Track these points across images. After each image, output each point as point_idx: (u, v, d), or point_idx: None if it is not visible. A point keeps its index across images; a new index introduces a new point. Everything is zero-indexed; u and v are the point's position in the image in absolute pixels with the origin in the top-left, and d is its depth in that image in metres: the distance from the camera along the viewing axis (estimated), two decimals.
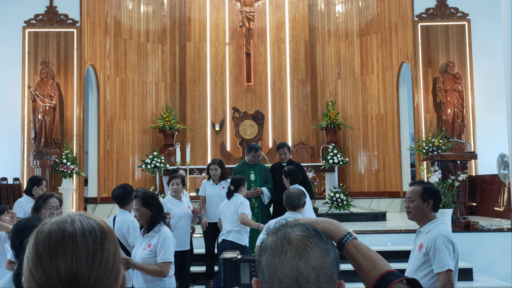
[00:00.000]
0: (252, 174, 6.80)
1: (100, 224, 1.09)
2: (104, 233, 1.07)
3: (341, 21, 13.54)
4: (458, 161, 8.04)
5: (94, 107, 12.08)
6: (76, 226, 1.05)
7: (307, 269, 1.05)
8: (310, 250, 1.07)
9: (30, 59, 11.03)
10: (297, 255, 1.06)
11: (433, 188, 3.22)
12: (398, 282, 1.30)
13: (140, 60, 13.17)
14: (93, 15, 11.92)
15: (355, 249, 1.37)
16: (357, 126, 13.11)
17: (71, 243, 1.02)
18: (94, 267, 1.02)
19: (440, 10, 11.19)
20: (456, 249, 3.10)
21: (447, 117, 10.65)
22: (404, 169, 12.06)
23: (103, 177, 12.06)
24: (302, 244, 1.08)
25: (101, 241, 1.05)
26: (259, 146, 6.92)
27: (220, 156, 12.65)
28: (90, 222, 1.07)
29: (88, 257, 1.02)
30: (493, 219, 9.00)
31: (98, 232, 1.06)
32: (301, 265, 1.05)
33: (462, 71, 10.97)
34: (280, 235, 1.11)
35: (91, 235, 1.05)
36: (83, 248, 1.02)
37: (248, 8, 13.17)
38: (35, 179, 6.24)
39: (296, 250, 1.07)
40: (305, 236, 1.09)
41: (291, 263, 1.05)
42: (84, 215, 1.10)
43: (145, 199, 3.71)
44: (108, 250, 1.06)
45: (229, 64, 13.53)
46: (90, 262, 1.02)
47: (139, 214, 3.71)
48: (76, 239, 1.03)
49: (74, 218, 1.08)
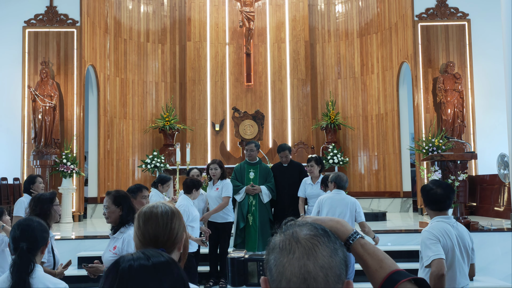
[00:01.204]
0: (251, 173, 6.79)
1: (172, 208, 1.93)
2: (173, 214, 1.91)
3: (341, 21, 13.54)
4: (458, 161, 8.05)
5: (94, 107, 12.08)
6: (158, 209, 1.90)
7: (315, 269, 1.05)
8: (318, 249, 1.07)
9: (30, 59, 11.03)
10: (305, 254, 1.06)
11: (423, 187, 3.34)
12: (406, 281, 1.29)
13: (140, 60, 13.17)
14: (93, 15, 11.92)
15: (362, 248, 1.37)
16: (357, 126, 13.11)
17: (155, 218, 1.88)
18: (166, 232, 1.86)
19: (440, 10, 11.19)
20: (444, 240, 3.14)
21: (447, 117, 10.65)
22: (404, 169, 12.07)
23: (103, 177, 12.06)
24: (310, 244, 1.08)
25: (171, 218, 1.89)
26: (252, 141, 6.91)
27: (220, 156, 12.65)
28: (166, 207, 1.92)
29: (163, 226, 1.86)
30: (493, 219, 9.00)
31: (170, 213, 1.90)
32: (309, 265, 1.05)
33: (462, 71, 10.97)
34: (288, 234, 1.11)
35: (166, 214, 1.89)
36: (161, 221, 1.87)
37: (248, 8, 13.17)
38: (29, 177, 6.14)
39: (304, 249, 1.07)
40: (313, 236, 1.09)
41: (299, 262, 1.05)
42: (164, 203, 1.95)
43: (117, 197, 3.55)
44: (174, 223, 1.89)
45: (229, 64, 13.53)
46: (164, 228, 1.86)
47: (108, 212, 3.54)
48: (157, 216, 1.88)
49: (159, 204, 1.93)
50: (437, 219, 3.26)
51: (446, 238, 3.15)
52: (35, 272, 2.58)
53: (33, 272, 2.57)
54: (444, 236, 3.15)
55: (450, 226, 3.22)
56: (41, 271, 2.64)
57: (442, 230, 3.17)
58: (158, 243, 1.84)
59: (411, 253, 7.30)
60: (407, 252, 7.27)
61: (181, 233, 1.90)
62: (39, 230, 2.73)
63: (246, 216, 6.67)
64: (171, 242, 1.86)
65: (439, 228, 3.19)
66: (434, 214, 3.29)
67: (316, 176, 6.52)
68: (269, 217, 6.74)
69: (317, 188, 6.43)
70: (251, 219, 6.66)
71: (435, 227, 3.20)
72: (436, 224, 3.23)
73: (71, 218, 10.45)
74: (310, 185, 6.51)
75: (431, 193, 3.26)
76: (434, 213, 3.29)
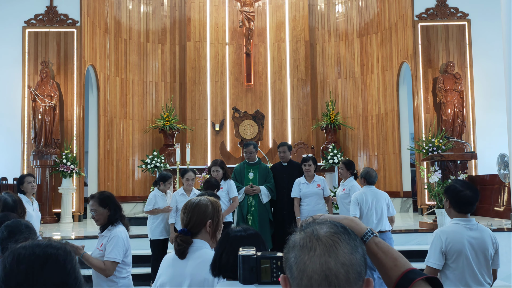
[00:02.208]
0: (251, 173, 6.78)
1: (210, 199, 2.60)
2: (208, 204, 2.56)
3: (341, 21, 13.54)
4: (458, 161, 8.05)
5: (94, 107, 12.08)
6: (200, 201, 2.57)
7: (336, 266, 1.05)
8: (339, 246, 1.07)
9: (30, 59, 11.03)
10: (326, 251, 1.06)
11: (451, 188, 3.25)
12: (420, 280, 1.31)
13: (140, 60, 13.17)
14: (93, 15, 11.92)
15: (377, 246, 1.38)
16: (357, 126, 13.11)
17: (196, 207, 2.55)
18: (199, 216, 2.53)
19: (440, 10, 11.19)
20: (445, 247, 3.12)
21: (447, 117, 10.65)
22: (404, 169, 12.07)
23: (103, 177, 12.06)
24: (331, 241, 1.08)
25: (206, 207, 2.54)
26: (250, 143, 6.91)
27: (220, 156, 12.65)
28: (206, 200, 2.58)
29: (199, 213, 2.53)
30: (493, 219, 8.99)
31: (208, 203, 2.56)
32: (330, 262, 1.05)
33: (462, 71, 10.97)
34: (308, 232, 1.11)
35: (203, 204, 2.55)
36: (200, 209, 2.53)
37: (248, 8, 13.16)
38: (19, 178, 5.98)
39: (325, 246, 1.06)
40: (333, 233, 1.10)
41: (320, 260, 1.05)
42: (205, 197, 2.64)
43: (102, 199, 3.63)
44: (206, 211, 2.54)
45: (229, 64, 13.53)
46: (200, 213, 2.53)
47: (96, 215, 3.62)
48: (198, 205, 2.55)
49: (202, 197, 2.61)
50: (455, 221, 3.20)
51: (455, 242, 3.12)
52: None
53: None
54: (453, 240, 3.12)
55: (466, 229, 3.16)
56: None
57: (452, 234, 3.14)
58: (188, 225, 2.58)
59: (411, 253, 7.30)
60: (407, 252, 7.26)
61: (208, 218, 2.57)
62: (26, 232, 2.75)
63: (245, 216, 6.67)
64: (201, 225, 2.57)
65: (450, 232, 3.16)
66: (456, 215, 3.22)
67: (311, 175, 6.56)
68: (269, 217, 6.74)
69: (313, 187, 6.47)
70: (250, 220, 6.66)
71: (447, 230, 3.18)
72: (450, 227, 3.20)
73: (71, 218, 10.45)
74: (306, 184, 6.53)
75: (461, 195, 3.17)
76: (457, 214, 3.21)
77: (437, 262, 3.11)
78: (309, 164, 6.52)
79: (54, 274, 1.25)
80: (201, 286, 2.43)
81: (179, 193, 6.47)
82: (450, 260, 3.12)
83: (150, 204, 6.44)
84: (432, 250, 3.15)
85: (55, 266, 1.26)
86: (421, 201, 10.87)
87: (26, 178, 5.82)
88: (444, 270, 3.15)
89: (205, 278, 2.40)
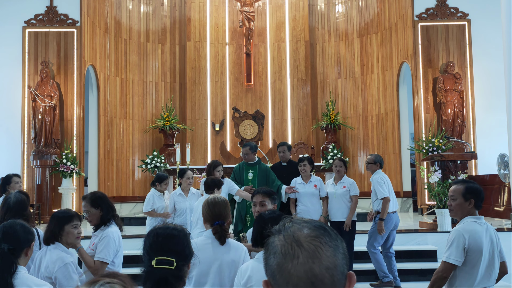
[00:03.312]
0: (250, 173, 6.76)
1: (225, 200, 3.38)
2: (226, 202, 3.37)
3: (341, 21, 13.54)
4: (458, 161, 8.05)
5: (94, 107, 12.08)
6: (218, 199, 3.34)
7: (321, 271, 1.04)
8: (322, 251, 1.06)
9: (30, 59, 11.03)
10: (310, 258, 1.04)
11: (475, 187, 3.29)
12: None
13: (140, 60, 13.17)
14: (93, 15, 11.92)
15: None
16: (357, 126, 13.11)
17: (218, 205, 3.29)
18: (226, 212, 3.30)
19: (440, 10, 11.19)
20: (468, 245, 3.17)
21: (447, 117, 10.64)
22: (404, 169, 12.06)
23: (103, 177, 12.06)
24: (313, 246, 1.06)
25: (226, 203, 3.34)
26: (248, 143, 6.90)
27: (220, 156, 12.65)
28: (222, 198, 3.38)
29: (221, 208, 3.28)
30: (493, 219, 8.99)
31: (224, 201, 3.36)
32: (315, 268, 1.04)
33: (462, 71, 10.97)
34: (288, 237, 1.08)
35: (223, 201, 3.33)
36: (222, 206, 3.29)
37: (248, 8, 13.16)
38: (5, 177, 5.92)
39: (308, 253, 1.05)
40: (314, 237, 1.08)
41: (304, 267, 1.04)
42: (220, 197, 3.40)
43: (94, 200, 3.66)
44: (226, 207, 3.33)
45: (229, 64, 13.53)
46: (222, 209, 3.29)
47: (89, 216, 3.66)
48: (219, 202, 3.31)
49: (220, 196, 3.42)
50: (471, 219, 3.25)
51: (475, 240, 3.17)
52: (18, 273, 2.61)
53: (16, 273, 2.60)
54: (474, 238, 3.17)
55: (480, 227, 3.23)
56: (25, 273, 2.67)
57: (474, 232, 3.19)
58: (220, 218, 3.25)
59: (411, 253, 7.31)
60: (407, 252, 7.27)
61: (230, 215, 3.38)
62: (22, 232, 2.75)
63: (244, 217, 6.65)
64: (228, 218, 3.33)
65: (472, 230, 3.20)
66: (470, 214, 3.27)
67: (307, 175, 6.58)
68: None
69: (310, 187, 6.48)
70: (249, 220, 6.65)
71: (468, 229, 3.21)
72: (470, 225, 3.23)
73: None
74: (302, 185, 6.54)
75: (483, 193, 3.27)
76: (473, 213, 3.27)
77: (459, 259, 3.16)
78: (305, 165, 6.54)
79: (178, 245, 2.14)
80: (230, 266, 3.13)
81: (176, 193, 6.51)
82: (470, 257, 3.17)
83: (148, 205, 6.47)
84: (454, 247, 3.17)
85: (177, 240, 2.16)
86: (421, 201, 10.87)
87: (14, 178, 5.80)
88: (460, 266, 3.22)
89: (233, 259, 3.15)
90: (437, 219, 7.77)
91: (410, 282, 6.75)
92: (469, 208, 3.27)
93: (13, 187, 5.67)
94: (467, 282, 3.17)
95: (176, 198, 6.44)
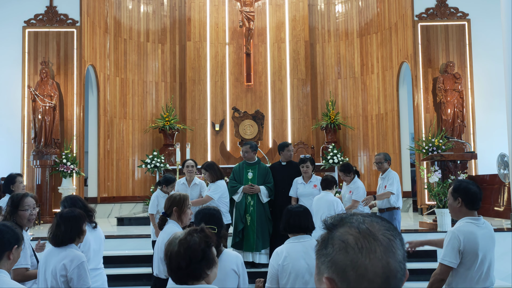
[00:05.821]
0: (249, 173, 6.77)
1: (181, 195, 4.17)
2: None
3: (341, 21, 13.54)
4: (458, 161, 8.05)
5: (94, 107, 12.08)
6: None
7: (395, 265, 1.02)
8: (394, 244, 1.03)
9: (30, 59, 11.03)
10: (386, 252, 1.02)
11: (463, 186, 3.25)
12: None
13: (140, 60, 13.17)
14: (93, 15, 11.92)
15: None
16: (357, 126, 13.11)
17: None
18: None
19: (440, 10, 11.19)
20: (463, 247, 3.15)
21: (447, 117, 10.65)
22: (404, 169, 12.06)
23: (103, 177, 12.06)
24: (387, 239, 1.03)
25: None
26: (248, 142, 6.92)
27: (220, 156, 12.66)
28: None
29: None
30: (493, 219, 8.99)
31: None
32: (391, 262, 1.02)
33: (462, 71, 10.97)
34: (363, 231, 1.04)
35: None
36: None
37: (248, 8, 13.16)
38: (9, 177, 5.90)
39: (384, 247, 1.02)
40: (386, 230, 1.05)
41: (382, 262, 1.01)
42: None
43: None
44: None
45: (229, 64, 13.53)
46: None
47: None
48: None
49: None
50: (468, 220, 3.23)
51: (470, 242, 3.15)
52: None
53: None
54: (469, 240, 3.15)
55: (478, 228, 3.20)
56: (5, 277, 2.58)
57: (469, 234, 3.16)
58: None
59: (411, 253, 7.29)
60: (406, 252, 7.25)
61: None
62: (5, 234, 2.67)
63: (243, 216, 6.66)
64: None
65: (467, 231, 3.17)
66: (467, 214, 3.24)
67: (309, 176, 6.58)
68: (268, 217, 6.73)
69: (309, 188, 6.50)
70: (249, 219, 6.65)
71: (463, 230, 3.18)
72: (466, 226, 3.20)
73: None
74: (302, 185, 6.56)
75: (472, 192, 3.21)
76: (468, 213, 3.24)
77: (454, 261, 3.15)
78: (307, 166, 6.54)
79: (217, 222, 3.25)
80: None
81: (180, 182, 6.79)
82: (466, 259, 3.15)
83: (153, 206, 6.48)
84: (449, 248, 3.15)
85: (215, 218, 3.27)
86: (421, 201, 10.87)
87: (18, 178, 5.80)
88: (456, 268, 3.20)
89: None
90: (437, 219, 7.77)
91: (410, 282, 6.75)
92: (458, 207, 3.23)
93: (18, 187, 5.69)
94: (463, 284, 3.15)
95: (179, 187, 6.64)
